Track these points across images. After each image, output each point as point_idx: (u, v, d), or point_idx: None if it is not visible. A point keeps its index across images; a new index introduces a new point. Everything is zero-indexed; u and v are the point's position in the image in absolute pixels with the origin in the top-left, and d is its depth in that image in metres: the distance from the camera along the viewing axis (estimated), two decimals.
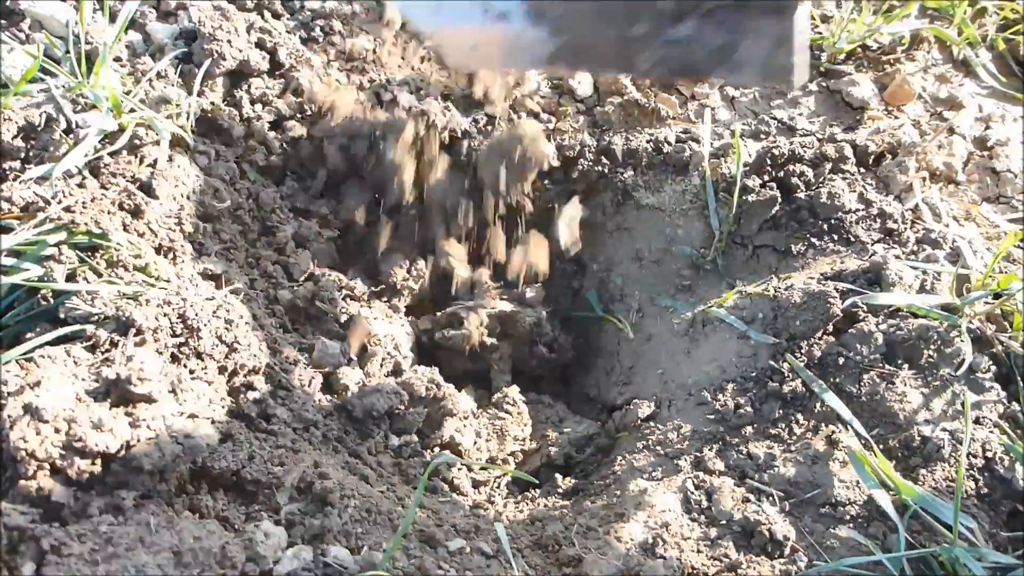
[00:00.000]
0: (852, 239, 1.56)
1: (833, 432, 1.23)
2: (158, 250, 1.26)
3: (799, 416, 1.28)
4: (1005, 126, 1.77)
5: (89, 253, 1.15)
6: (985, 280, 1.40)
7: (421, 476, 1.26)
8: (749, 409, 1.30)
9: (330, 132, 1.56)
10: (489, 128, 1.68)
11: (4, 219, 1.12)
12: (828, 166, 1.60)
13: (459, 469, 1.32)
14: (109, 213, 1.21)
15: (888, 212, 1.58)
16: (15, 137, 1.26)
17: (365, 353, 1.42)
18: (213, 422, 1.05)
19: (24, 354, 0.99)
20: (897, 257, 1.46)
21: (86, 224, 1.16)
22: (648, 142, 1.67)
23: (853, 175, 1.61)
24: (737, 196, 1.58)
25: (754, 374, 1.35)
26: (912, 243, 1.51)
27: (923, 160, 1.65)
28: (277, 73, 1.62)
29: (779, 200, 1.61)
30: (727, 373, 1.37)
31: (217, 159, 1.48)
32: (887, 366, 1.27)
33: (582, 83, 1.74)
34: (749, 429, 1.28)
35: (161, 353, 1.07)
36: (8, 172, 1.21)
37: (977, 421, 1.26)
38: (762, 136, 1.70)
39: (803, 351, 1.33)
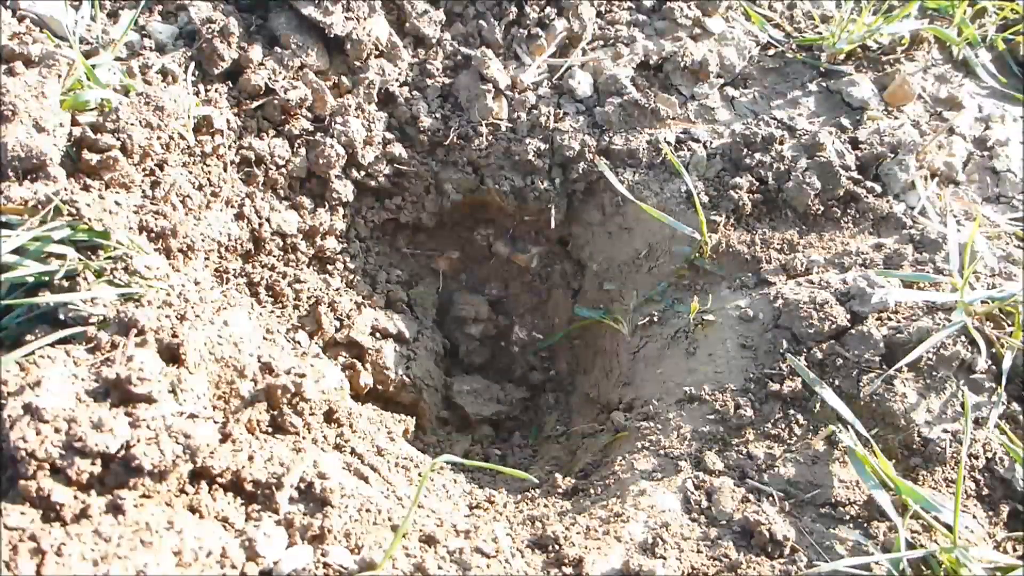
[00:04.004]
0: (852, 239, 1.56)
1: (833, 432, 1.23)
2: (159, 250, 1.26)
3: (799, 416, 1.28)
4: (1005, 126, 1.78)
5: (90, 253, 1.15)
6: (984, 279, 1.40)
7: (421, 476, 1.26)
8: (749, 410, 1.30)
9: None
10: None
11: (6, 213, 1.12)
12: (829, 167, 1.60)
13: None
14: (110, 212, 1.21)
15: (888, 212, 1.58)
16: (17, 137, 1.26)
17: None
18: (213, 422, 1.04)
19: (25, 355, 0.99)
20: (898, 257, 1.46)
21: (87, 223, 1.16)
22: (648, 142, 1.67)
23: (854, 175, 1.62)
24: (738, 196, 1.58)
25: (754, 374, 1.35)
26: (912, 243, 1.51)
27: (923, 160, 1.65)
28: (277, 73, 1.62)
29: (779, 201, 1.61)
30: (727, 373, 1.37)
31: (217, 159, 1.48)
32: (887, 367, 1.27)
33: (582, 83, 1.74)
34: (749, 429, 1.28)
35: (161, 353, 1.07)
36: (10, 171, 1.21)
37: (977, 421, 1.26)
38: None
39: (803, 352, 1.33)
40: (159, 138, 1.37)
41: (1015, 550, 1.16)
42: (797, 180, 1.58)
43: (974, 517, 1.18)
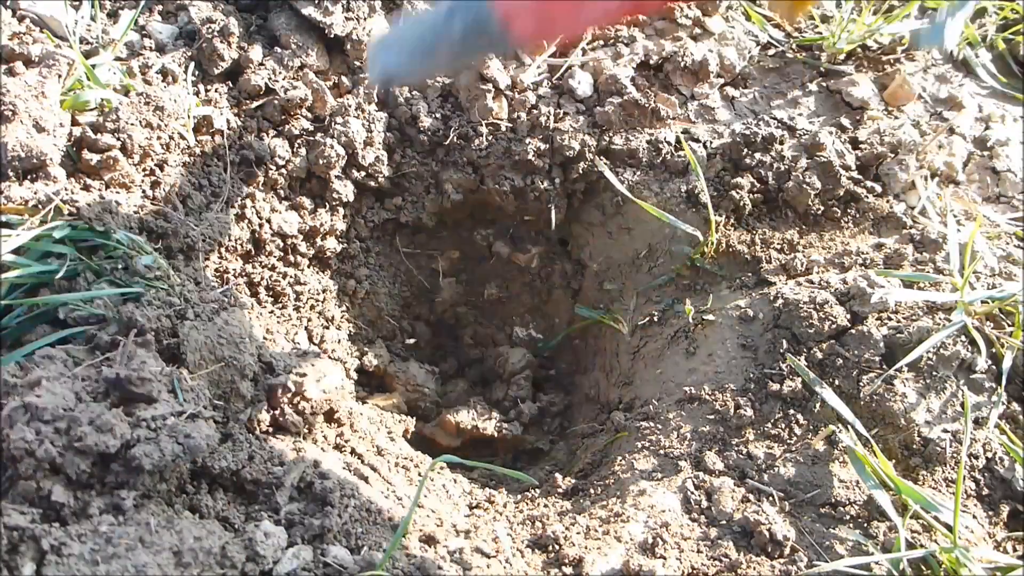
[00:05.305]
0: (852, 239, 1.56)
1: (833, 432, 1.23)
2: (159, 250, 1.26)
3: (799, 416, 1.28)
4: (1005, 126, 1.78)
5: (90, 253, 1.15)
6: (984, 279, 1.40)
7: (421, 476, 1.26)
8: (749, 410, 1.30)
9: None
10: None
11: (6, 213, 1.12)
12: (829, 167, 1.60)
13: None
14: (110, 212, 1.21)
15: (888, 212, 1.58)
16: (17, 136, 1.26)
17: None
18: (213, 422, 1.04)
19: (25, 355, 0.99)
20: (898, 256, 1.46)
21: (87, 223, 1.16)
22: (648, 142, 1.67)
23: (854, 175, 1.62)
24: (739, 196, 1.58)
25: (754, 374, 1.35)
26: (912, 243, 1.51)
27: (923, 160, 1.65)
28: (277, 73, 1.62)
29: (779, 201, 1.61)
30: (727, 373, 1.37)
31: (217, 159, 1.48)
32: (887, 367, 1.27)
33: (582, 83, 1.74)
34: (749, 429, 1.28)
35: (161, 353, 1.07)
36: (10, 171, 1.21)
37: (977, 421, 1.26)
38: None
39: (803, 352, 1.33)
40: (159, 138, 1.37)
41: (1015, 550, 1.16)
42: (797, 180, 1.58)
43: (974, 517, 1.18)
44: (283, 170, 1.58)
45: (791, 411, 1.28)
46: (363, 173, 1.66)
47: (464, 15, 1.12)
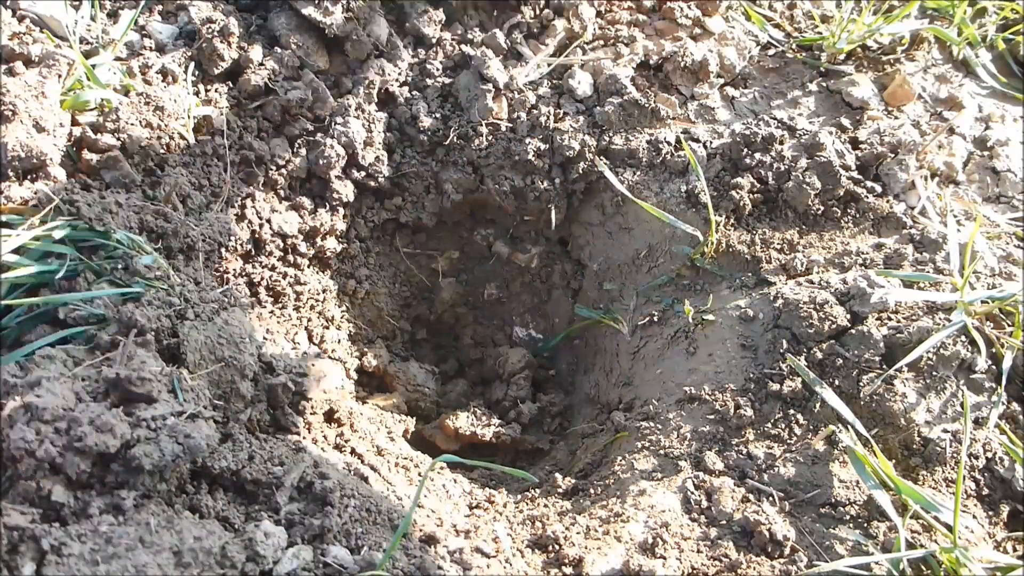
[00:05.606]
0: (852, 239, 1.56)
1: (833, 432, 1.23)
2: (159, 250, 1.26)
3: (799, 416, 1.28)
4: (1005, 126, 1.78)
5: (90, 253, 1.15)
6: (985, 279, 1.40)
7: (421, 476, 1.26)
8: (749, 410, 1.30)
9: None
10: None
11: (6, 213, 1.12)
12: (829, 167, 1.60)
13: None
14: (110, 212, 1.21)
15: (888, 212, 1.58)
16: (17, 137, 1.26)
17: None
18: (213, 422, 1.04)
19: (25, 355, 0.99)
20: (898, 256, 1.46)
21: (87, 223, 1.16)
22: (648, 142, 1.67)
23: (854, 175, 1.62)
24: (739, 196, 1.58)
25: (754, 374, 1.35)
26: (912, 243, 1.51)
27: (923, 160, 1.65)
28: (277, 73, 1.62)
29: (779, 201, 1.61)
30: (727, 373, 1.37)
31: (217, 159, 1.48)
32: (887, 367, 1.27)
33: (582, 83, 1.74)
34: (749, 429, 1.28)
35: (161, 353, 1.07)
36: (10, 171, 1.21)
37: (977, 421, 1.26)
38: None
39: (803, 352, 1.33)
40: (159, 138, 1.37)
41: (1015, 550, 1.16)
42: (797, 180, 1.58)
43: (974, 517, 1.19)
44: (283, 170, 1.58)
45: (791, 411, 1.28)
46: (363, 173, 1.66)
47: None
